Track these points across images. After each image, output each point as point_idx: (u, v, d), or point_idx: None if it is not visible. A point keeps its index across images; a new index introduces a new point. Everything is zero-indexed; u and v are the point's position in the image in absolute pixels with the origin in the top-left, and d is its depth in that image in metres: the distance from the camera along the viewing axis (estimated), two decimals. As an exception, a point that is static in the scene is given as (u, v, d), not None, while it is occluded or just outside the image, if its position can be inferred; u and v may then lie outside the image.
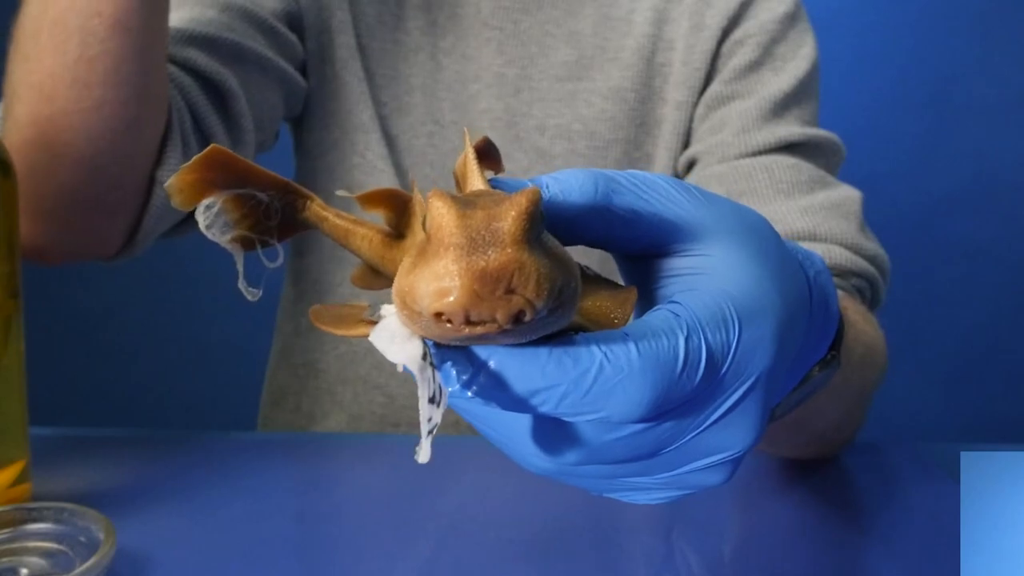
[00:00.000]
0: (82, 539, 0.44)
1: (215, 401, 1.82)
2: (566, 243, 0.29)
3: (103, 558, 0.41)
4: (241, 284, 0.29)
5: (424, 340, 0.24)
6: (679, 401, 0.26)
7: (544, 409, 0.25)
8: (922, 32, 1.93)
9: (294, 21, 0.74)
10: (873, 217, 0.68)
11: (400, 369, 0.24)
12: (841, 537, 0.52)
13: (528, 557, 0.47)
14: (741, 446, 0.28)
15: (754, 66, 0.73)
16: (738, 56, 0.73)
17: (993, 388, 1.98)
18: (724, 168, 0.69)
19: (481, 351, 0.25)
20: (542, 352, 0.25)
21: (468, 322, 0.22)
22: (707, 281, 0.28)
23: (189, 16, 0.66)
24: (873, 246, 0.66)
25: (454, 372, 0.25)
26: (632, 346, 0.25)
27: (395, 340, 0.24)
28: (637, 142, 0.75)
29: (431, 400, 0.24)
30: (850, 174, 0.73)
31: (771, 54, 0.73)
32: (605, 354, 0.25)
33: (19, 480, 0.51)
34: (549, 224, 0.28)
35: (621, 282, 0.31)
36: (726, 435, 0.28)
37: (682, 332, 0.26)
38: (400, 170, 0.75)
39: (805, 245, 0.63)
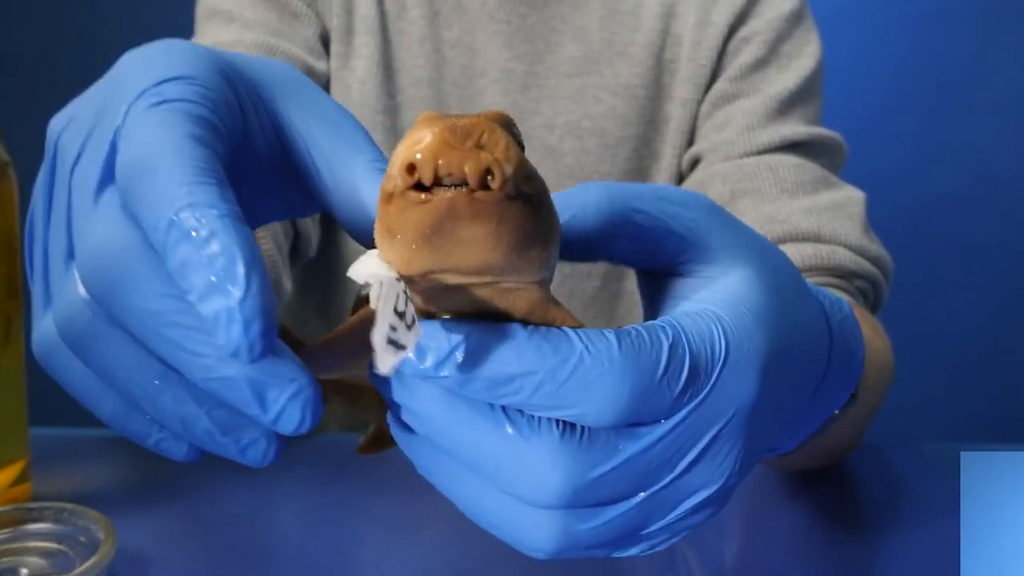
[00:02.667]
0: (82, 539, 0.44)
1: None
2: (581, 259, 0.29)
3: (103, 558, 0.41)
4: None
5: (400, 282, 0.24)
6: (657, 411, 0.26)
7: (518, 399, 0.25)
8: (923, 31, 1.92)
9: (327, 43, 0.74)
10: (874, 216, 0.68)
11: (371, 290, 0.23)
12: (841, 536, 0.52)
13: (529, 557, 0.47)
14: (720, 482, 0.28)
15: (760, 64, 0.72)
16: (744, 54, 0.72)
17: (994, 388, 1.97)
18: (728, 167, 0.69)
19: (457, 327, 0.24)
20: (520, 333, 0.25)
21: (437, 183, 0.22)
22: (706, 305, 0.28)
23: None
24: (876, 247, 0.65)
25: (430, 347, 0.24)
26: (614, 341, 0.25)
27: (370, 265, 0.24)
28: (646, 140, 0.74)
29: (399, 314, 0.23)
30: (851, 173, 0.73)
31: (777, 52, 0.73)
32: (587, 346, 0.25)
33: (19, 480, 0.51)
34: (564, 242, 0.27)
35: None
36: (708, 471, 0.27)
37: (667, 339, 0.26)
38: None
39: (809, 246, 0.63)
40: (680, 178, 0.75)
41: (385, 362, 0.23)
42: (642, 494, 0.27)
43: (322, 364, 0.29)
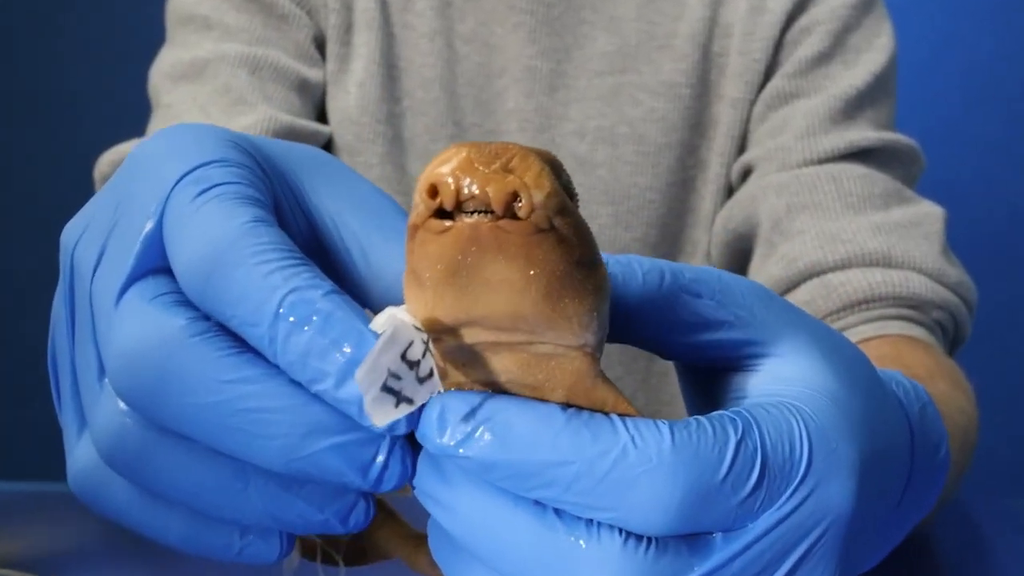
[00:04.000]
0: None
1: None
2: (620, 339, 0.27)
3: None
4: None
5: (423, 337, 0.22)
6: (721, 519, 0.23)
7: (551, 494, 0.22)
8: (1005, 18, 1.86)
9: (322, 46, 0.70)
10: (949, 233, 0.64)
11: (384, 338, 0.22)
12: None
13: None
14: None
15: (822, 58, 0.68)
16: (804, 46, 0.68)
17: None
18: (785, 177, 0.65)
19: (486, 398, 0.23)
20: (558, 414, 0.22)
21: (459, 208, 0.21)
22: (779, 398, 0.25)
23: (260, 118, 0.64)
24: (957, 272, 0.61)
25: (450, 419, 0.22)
26: (667, 432, 0.23)
27: (393, 313, 0.23)
28: (691, 147, 0.70)
29: (410, 363, 0.22)
30: (921, 183, 0.70)
31: (843, 44, 0.69)
32: (632, 437, 0.22)
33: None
34: None
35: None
36: None
37: (735, 433, 0.23)
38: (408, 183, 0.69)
39: (878, 271, 0.59)
40: (729, 190, 0.71)
41: (379, 412, 0.22)
42: None
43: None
